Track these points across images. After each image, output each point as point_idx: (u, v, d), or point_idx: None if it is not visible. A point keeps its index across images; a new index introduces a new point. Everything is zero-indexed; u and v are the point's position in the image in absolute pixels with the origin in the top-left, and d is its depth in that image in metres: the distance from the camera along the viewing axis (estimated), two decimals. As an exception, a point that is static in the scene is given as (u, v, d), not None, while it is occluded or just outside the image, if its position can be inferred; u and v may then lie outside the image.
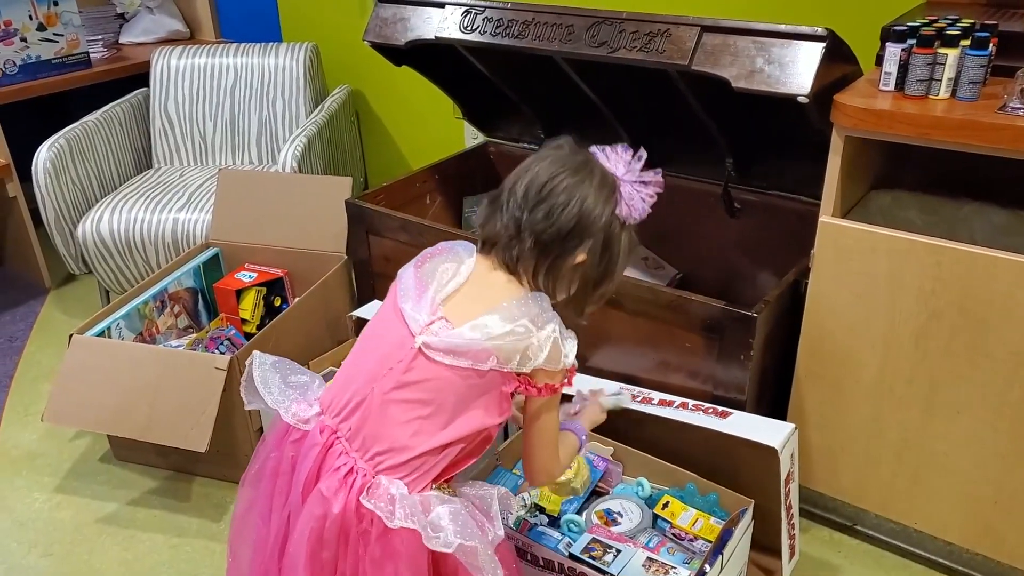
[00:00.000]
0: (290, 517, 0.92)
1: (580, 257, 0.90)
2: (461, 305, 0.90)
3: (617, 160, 0.92)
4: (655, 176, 0.93)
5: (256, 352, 1.03)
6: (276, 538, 0.93)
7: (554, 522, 1.29)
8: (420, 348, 0.87)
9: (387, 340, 0.90)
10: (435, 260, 0.94)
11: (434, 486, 0.90)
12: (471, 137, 2.21)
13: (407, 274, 0.95)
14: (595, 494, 1.35)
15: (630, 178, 0.91)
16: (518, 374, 0.88)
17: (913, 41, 1.15)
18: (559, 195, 0.88)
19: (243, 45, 2.35)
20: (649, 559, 1.19)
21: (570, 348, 0.90)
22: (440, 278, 0.92)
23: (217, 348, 1.71)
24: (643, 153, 0.93)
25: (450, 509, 0.87)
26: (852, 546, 1.43)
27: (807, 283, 1.32)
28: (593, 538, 1.22)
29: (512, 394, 0.90)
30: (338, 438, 0.90)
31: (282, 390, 0.97)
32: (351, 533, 0.87)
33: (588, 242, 0.89)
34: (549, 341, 0.87)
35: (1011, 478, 1.22)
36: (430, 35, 1.58)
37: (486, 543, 0.88)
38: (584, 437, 1.05)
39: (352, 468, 0.87)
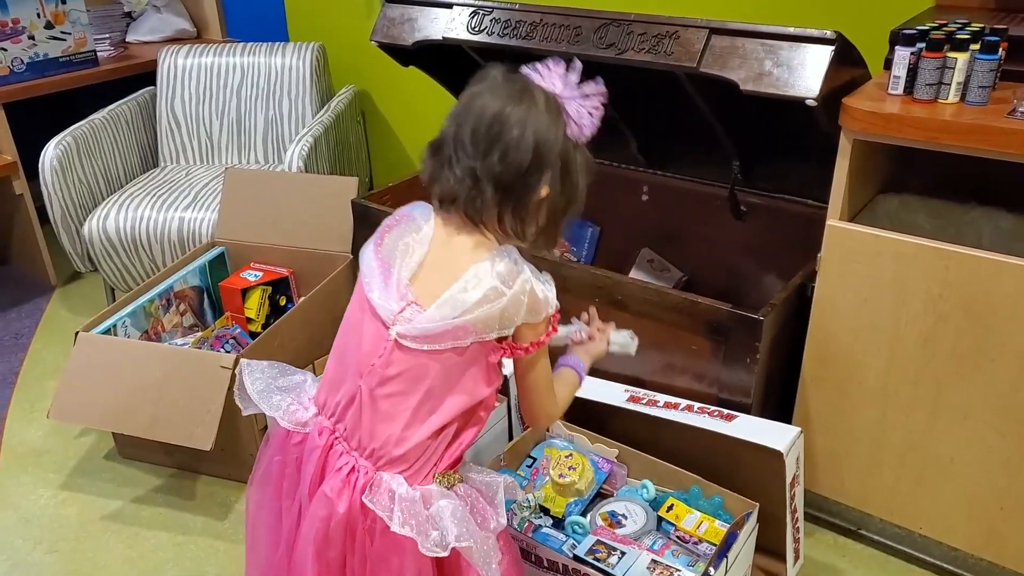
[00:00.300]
0: (300, 513, 0.92)
1: (544, 191, 0.85)
2: (429, 281, 0.86)
3: (552, 76, 0.86)
4: (596, 87, 0.87)
5: (244, 360, 1.01)
6: (289, 536, 0.94)
7: (558, 524, 1.29)
8: (396, 340, 0.85)
9: (365, 335, 0.88)
10: (393, 234, 0.90)
11: (437, 475, 0.89)
12: (477, 138, 2.20)
13: (367, 256, 0.90)
14: (599, 496, 1.35)
15: (571, 94, 0.85)
16: (501, 339, 0.86)
17: (923, 45, 1.15)
18: (511, 130, 0.82)
19: (250, 44, 2.35)
20: (654, 561, 1.19)
21: (548, 291, 0.86)
22: (402, 256, 0.87)
23: (222, 347, 1.71)
24: (578, 64, 0.88)
25: (451, 507, 0.87)
26: (856, 550, 1.43)
27: (813, 286, 1.32)
28: (597, 540, 1.22)
29: (499, 363, 0.88)
30: (337, 438, 0.90)
31: (278, 395, 0.96)
32: (357, 530, 0.87)
33: (548, 173, 0.84)
34: (525, 294, 0.84)
35: (1016, 483, 1.22)
36: (437, 36, 1.58)
37: (482, 538, 0.87)
38: (583, 372, 1.02)
39: (353, 467, 0.87)
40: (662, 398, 1.35)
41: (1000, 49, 1.12)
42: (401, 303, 0.85)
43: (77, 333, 1.57)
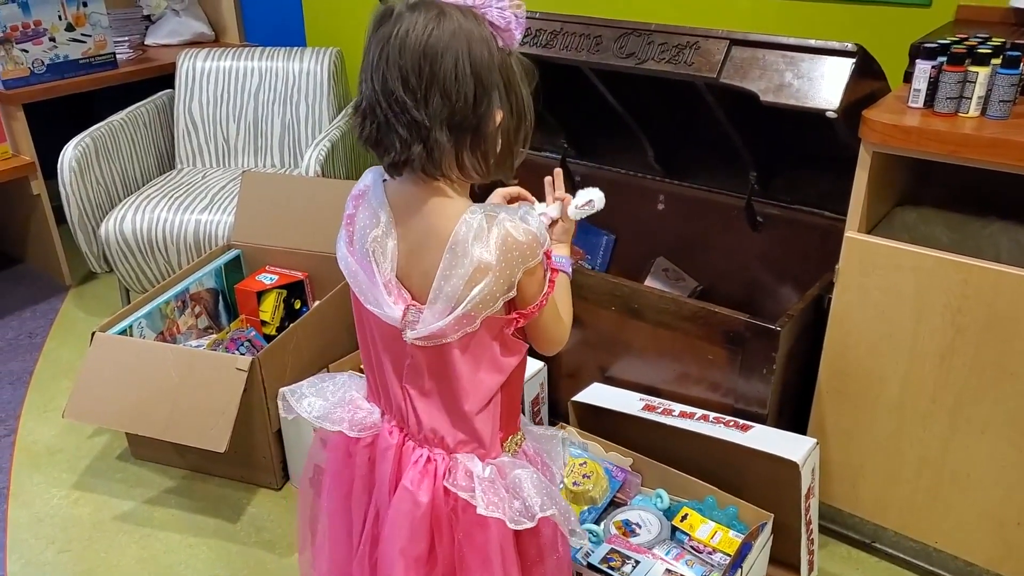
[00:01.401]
0: (379, 515, 0.91)
1: (498, 116, 0.78)
2: (413, 271, 0.82)
3: None
4: None
5: (286, 390, 0.97)
6: (368, 537, 0.93)
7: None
8: (413, 344, 0.84)
9: (387, 340, 0.87)
10: (358, 229, 0.85)
11: (505, 443, 0.90)
12: (491, 145, 2.21)
13: (344, 257, 0.87)
14: (613, 504, 1.35)
15: (482, 3, 0.77)
16: (510, 306, 0.83)
17: (943, 59, 1.15)
18: (443, 63, 0.74)
19: (268, 49, 2.37)
20: (668, 571, 1.18)
21: (530, 225, 0.79)
22: (375, 254, 0.83)
23: (237, 349, 1.71)
24: None
25: (527, 475, 0.87)
26: (871, 564, 1.42)
27: (830, 298, 1.32)
28: (612, 548, 1.22)
29: (514, 331, 0.85)
30: (407, 435, 0.90)
31: (337, 410, 0.94)
32: (442, 517, 0.87)
33: (494, 94, 0.77)
34: (513, 248, 0.77)
35: (1035, 499, 1.21)
36: (457, 43, 1.59)
37: (558, 495, 0.88)
38: (568, 265, 0.94)
39: (429, 457, 0.88)
40: (677, 407, 1.35)
41: (1021, 64, 1.12)
42: (400, 306, 0.83)
43: (93, 333, 1.58)
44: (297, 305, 1.87)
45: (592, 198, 0.96)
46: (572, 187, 0.96)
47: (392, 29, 0.75)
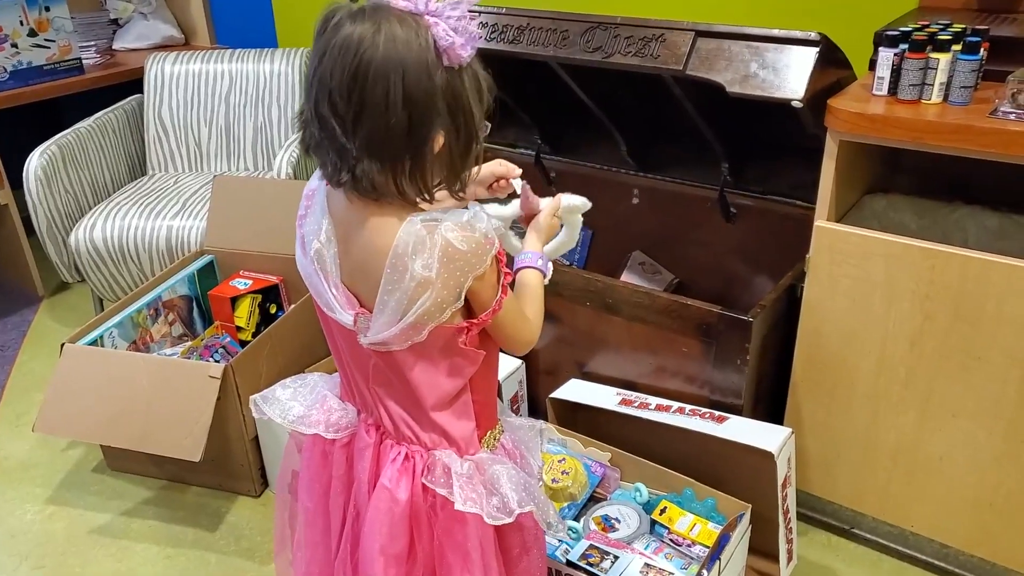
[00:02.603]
0: (359, 514, 0.91)
1: (439, 140, 0.74)
2: (357, 280, 0.81)
3: None
4: None
5: (258, 397, 0.96)
6: (349, 535, 0.92)
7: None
8: (368, 347, 0.82)
9: (348, 343, 0.86)
10: (308, 237, 0.83)
11: (483, 440, 0.89)
12: (466, 143, 2.20)
13: (299, 259, 0.85)
14: (593, 500, 1.35)
15: (435, 8, 0.71)
16: (467, 313, 0.81)
17: (905, 46, 1.15)
18: (374, 89, 0.69)
19: (238, 51, 2.34)
20: (647, 565, 1.19)
21: (477, 227, 0.75)
22: (325, 263, 0.81)
23: (212, 356, 1.69)
24: None
25: (505, 471, 0.87)
26: (850, 549, 1.44)
27: (803, 287, 1.32)
28: (591, 544, 1.22)
29: (466, 339, 0.82)
30: (384, 434, 0.89)
31: (315, 412, 0.93)
32: (421, 513, 0.87)
33: (436, 119, 0.72)
34: (456, 259, 0.74)
35: (1006, 480, 1.23)
36: (425, 41, 1.58)
37: (537, 489, 0.88)
38: (543, 264, 0.90)
39: (408, 455, 0.87)
40: (654, 401, 1.36)
41: (982, 49, 1.13)
42: (351, 312, 0.81)
43: (63, 344, 1.55)
44: (273, 310, 1.85)
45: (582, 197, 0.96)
46: (547, 183, 0.96)
47: (328, 42, 0.71)
